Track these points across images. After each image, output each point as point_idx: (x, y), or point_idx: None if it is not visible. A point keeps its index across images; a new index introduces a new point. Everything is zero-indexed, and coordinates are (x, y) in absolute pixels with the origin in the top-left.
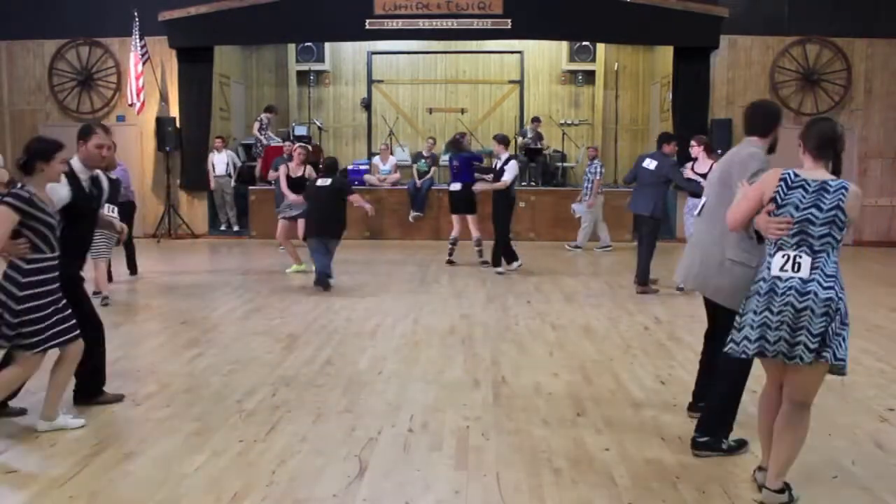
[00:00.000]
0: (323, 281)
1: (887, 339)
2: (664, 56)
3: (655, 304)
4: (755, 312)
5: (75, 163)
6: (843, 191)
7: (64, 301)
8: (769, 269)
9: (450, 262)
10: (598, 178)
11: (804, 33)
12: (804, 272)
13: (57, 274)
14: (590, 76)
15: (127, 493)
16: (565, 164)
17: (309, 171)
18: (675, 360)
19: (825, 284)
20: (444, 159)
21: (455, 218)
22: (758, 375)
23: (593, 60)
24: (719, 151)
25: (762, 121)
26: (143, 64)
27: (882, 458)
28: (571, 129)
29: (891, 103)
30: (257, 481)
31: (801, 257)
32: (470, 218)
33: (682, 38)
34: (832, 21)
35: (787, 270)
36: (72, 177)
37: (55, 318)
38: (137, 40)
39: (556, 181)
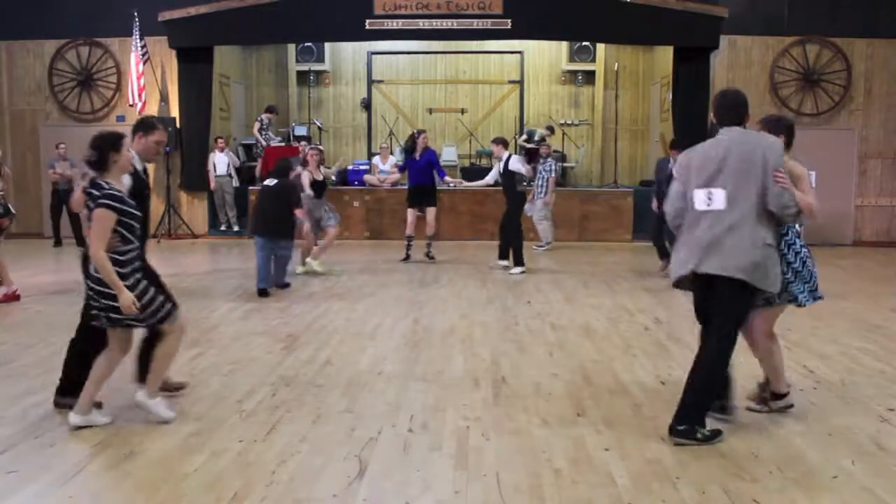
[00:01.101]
0: (262, 293)
1: (887, 338)
2: (664, 56)
3: (655, 304)
4: (812, 269)
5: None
6: None
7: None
8: (800, 237)
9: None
10: (552, 175)
11: (804, 33)
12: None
13: (141, 263)
14: (590, 76)
15: (127, 493)
16: (565, 165)
17: (324, 171)
18: (675, 360)
19: None
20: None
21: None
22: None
23: (593, 60)
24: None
25: (741, 110)
26: (144, 64)
27: (882, 458)
28: (571, 129)
29: (891, 103)
30: (257, 481)
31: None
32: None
33: (682, 38)
34: (832, 21)
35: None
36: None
37: (163, 288)
38: (137, 40)
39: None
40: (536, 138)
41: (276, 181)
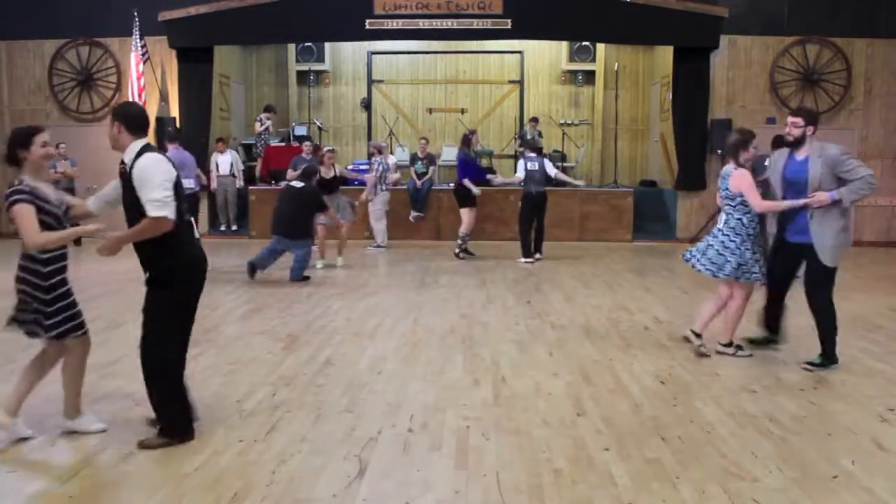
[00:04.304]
0: (250, 270)
1: (887, 338)
2: (664, 56)
3: (655, 304)
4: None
5: None
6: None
7: None
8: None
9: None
10: (373, 174)
11: (804, 33)
12: None
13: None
14: (590, 76)
15: (127, 493)
16: (565, 164)
17: (339, 170)
18: (675, 360)
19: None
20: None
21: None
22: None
23: (593, 60)
24: (719, 152)
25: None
26: (144, 64)
27: (882, 458)
28: (571, 129)
29: (891, 103)
30: (257, 481)
31: None
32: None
33: (682, 38)
34: (832, 21)
35: None
36: None
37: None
38: (137, 40)
39: (555, 181)
40: (529, 137)
41: (302, 184)
